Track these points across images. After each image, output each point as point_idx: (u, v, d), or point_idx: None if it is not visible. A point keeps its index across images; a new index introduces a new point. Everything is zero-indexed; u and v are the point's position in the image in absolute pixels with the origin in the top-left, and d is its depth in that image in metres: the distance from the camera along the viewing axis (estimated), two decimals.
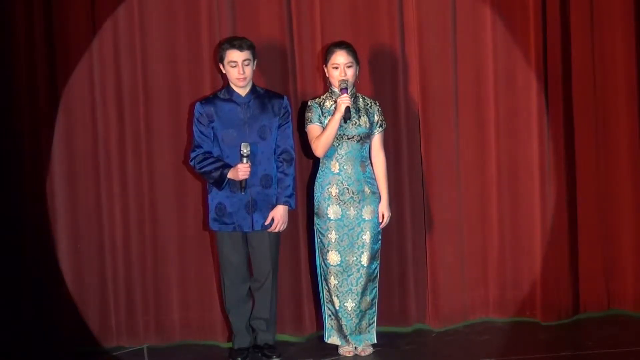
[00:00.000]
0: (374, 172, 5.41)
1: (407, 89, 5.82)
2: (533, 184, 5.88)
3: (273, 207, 5.29)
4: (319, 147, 5.29)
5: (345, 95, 5.18)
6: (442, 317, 5.88)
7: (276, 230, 5.30)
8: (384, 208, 5.38)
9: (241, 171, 5.15)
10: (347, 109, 5.17)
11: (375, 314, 5.42)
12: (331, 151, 5.33)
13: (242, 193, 5.21)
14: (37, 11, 5.58)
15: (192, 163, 5.29)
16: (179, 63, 5.72)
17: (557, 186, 5.87)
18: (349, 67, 5.27)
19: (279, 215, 5.29)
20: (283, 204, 5.30)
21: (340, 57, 5.27)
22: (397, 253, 5.85)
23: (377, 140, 5.41)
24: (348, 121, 5.24)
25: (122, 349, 5.73)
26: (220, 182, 5.21)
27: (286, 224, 5.35)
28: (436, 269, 5.88)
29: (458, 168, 5.90)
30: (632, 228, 5.99)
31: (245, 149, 5.13)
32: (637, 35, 5.90)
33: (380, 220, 5.37)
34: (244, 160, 5.14)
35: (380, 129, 5.41)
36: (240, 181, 5.17)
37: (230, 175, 5.19)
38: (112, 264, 5.77)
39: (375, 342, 5.42)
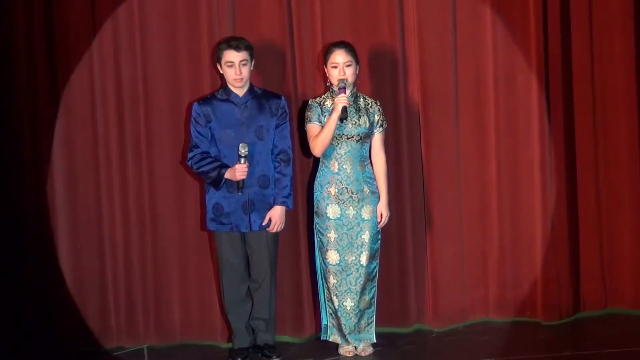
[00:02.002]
0: (373, 172, 5.41)
1: (407, 89, 5.82)
2: (533, 184, 5.88)
3: (270, 207, 5.29)
4: (316, 147, 5.29)
5: (342, 95, 5.18)
6: (442, 317, 5.87)
7: (274, 230, 5.30)
8: (382, 207, 5.38)
9: (239, 171, 5.15)
10: (344, 109, 5.17)
11: (374, 313, 5.42)
12: (330, 150, 5.34)
13: (240, 194, 5.21)
14: (37, 11, 5.59)
15: (189, 163, 5.29)
16: (179, 63, 5.72)
17: (557, 186, 5.87)
18: (348, 66, 5.27)
19: (276, 216, 5.29)
20: (280, 205, 5.30)
21: (339, 56, 5.27)
22: (397, 253, 5.85)
23: (377, 139, 5.41)
24: (345, 121, 5.24)
25: (122, 349, 5.74)
26: (218, 182, 5.21)
27: (284, 224, 5.35)
28: (436, 269, 5.88)
29: (458, 168, 5.90)
30: (632, 227, 5.99)
31: (243, 150, 5.13)
32: (637, 35, 5.90)
33: (379, 220, 5.38)
34: (242, 160, 5.14)
35: (381, 128, 5.41)
36: (238, 182, 5.17)
37: (227, 175, 5.19)
38: (112, 264, 5.78)
39: (375, 341, 5.42)
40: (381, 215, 5.37)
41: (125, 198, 5.75)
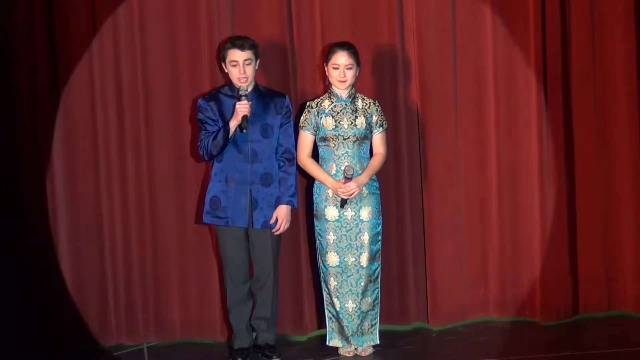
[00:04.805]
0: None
1: (406, 89, 5.82)
2: (533, 183, 5.89)
3: (272, 205, 5.29)
4: (300, 163, 5.37)
5: (348, 184, 5.20)
6: (441, 316, 5.88)
7: (281, 230, 5.30)
8: (355, 181, 5.21)
9: (240, 107, 5.11)
10: (344, 201, 5.25)
11: (378, 314, 5.43)
12: (328, 152, 5.35)
13: (245, 131, 5.14)
14: (37, 11, 5.57)
15: (202, 153, 5.26)
16: (179, 63, 5.72)
17: (557, 186, 5.87)
18: (349, 68, 5.28)
19: (282, 215, 5.28)
20: (286, 204, 5.29)
21: (341, 58, 5.27)
22: (397, 252, 5.86)
23: (377, 139, 5.41)
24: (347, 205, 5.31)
25: (122, 348, 5.74)
26: (227, 134, 5.14)
27: (289, 222, 5.35)
28: (435, 268, 5.88)
29: (458, 168, 5.90)
30: (632, 228, 5.99)
31: (242, 91, 5.13)
32: (637, 35, 5.90)
33: (341, 187, 5.23)
34: (242, 99, 5.12)
35: (381, 128, 5.41)
36: (241, 121, 5.11)
37: (232, 123, 5.14)
38: (112, 263, 5.77)
39: (379, 342, 5.42)
40: (349, 186, 5.22)
41: (125, 197, 5.75)
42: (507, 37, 5.86)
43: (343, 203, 5.27)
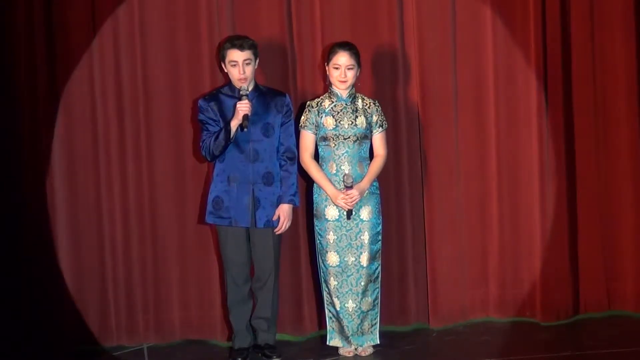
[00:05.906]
0: None
1: (407, 89, 5.83)
2: (533, 183, 5.89)
3: (274, 204, 5.28)
4: (302, 164, 5.36)
5: (350, 191, 5.20)
6: (441, 316, 5.89)
7: (282, 229, 5.30)
8: (356, 188, 5.22)
9: (241, 106, 5.11)
10: (350, 212, 5.23)
11: (378, 314, 5.43)
12: (328, 152, 5.35)
13: (245, 130, 5.13)
14: (37, 11, 5.57)
15: (203, 153, 5.26)
16: (179, 63, 5.72)
17: (557, 186, 5.87)
18: (349, 69, 5.28)
19: (284, 213, 5.29)
20: (288, 203, 5.30)
21: (342, 58, 5.27)
22: (397, 252, 5.86)
23: (377, 139, 5.40)
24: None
25: (122, 349, 5.74)
26: (228, 134, 5.14)
27: (291, 221, 5.35)
28: (435, 268, 5.89)
29: (458, 168, 5.91)
30: (633, 228, 5.98)
31: (243, 91, 5.13)
32: (638, 35, 5.90)
33: (344, 196, 5.24)
34: (242, 98, 5.12)
35: (381, 129, 5.41)
36: (242, 121, 5.10)
37: (232, 123, 5.14)
38: (112, 264, 5.77)
39: (379, 342, 5.42)
40: (352, 194, 5.23)
41: (125, 197, 5.75)
42: (507, 37, 5.87)
43: (349, 215, 5.27)
